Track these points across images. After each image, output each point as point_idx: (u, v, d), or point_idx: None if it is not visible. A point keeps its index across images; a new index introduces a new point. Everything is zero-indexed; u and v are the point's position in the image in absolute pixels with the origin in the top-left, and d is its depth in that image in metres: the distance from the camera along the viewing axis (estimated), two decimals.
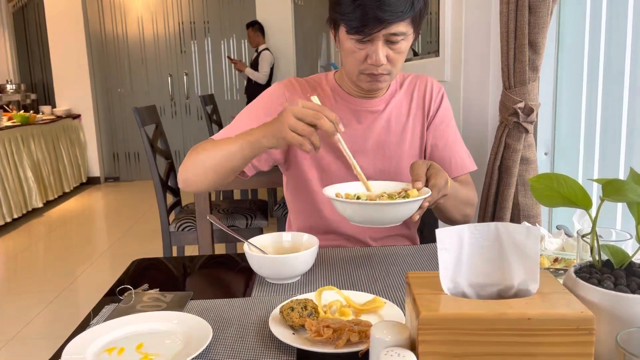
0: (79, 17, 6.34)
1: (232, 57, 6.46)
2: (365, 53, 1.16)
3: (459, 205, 1.27)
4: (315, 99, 1.08)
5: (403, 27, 1.12)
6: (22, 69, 7.30)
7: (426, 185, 1.07)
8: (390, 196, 1.08)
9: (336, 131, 1.03)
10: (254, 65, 5.79)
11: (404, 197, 1.05)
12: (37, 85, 7.45)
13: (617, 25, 1.34)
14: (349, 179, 1.24)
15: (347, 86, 1.31)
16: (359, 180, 1.14)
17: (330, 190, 1.10)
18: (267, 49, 5.86)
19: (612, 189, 0.65)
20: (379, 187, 1.14)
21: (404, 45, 1.17)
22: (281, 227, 2.68)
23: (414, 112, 1.35)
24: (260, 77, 5.68)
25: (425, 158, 1.37)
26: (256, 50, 5.91)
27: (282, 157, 1.34)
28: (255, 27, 5.88)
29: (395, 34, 1.12)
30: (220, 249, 3.26)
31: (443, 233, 0.67)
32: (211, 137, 1.30)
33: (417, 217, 1.05)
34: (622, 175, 1.32)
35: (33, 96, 6.93)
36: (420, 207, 1.04)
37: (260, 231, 2.61)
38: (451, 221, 1.32)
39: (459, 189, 1.26)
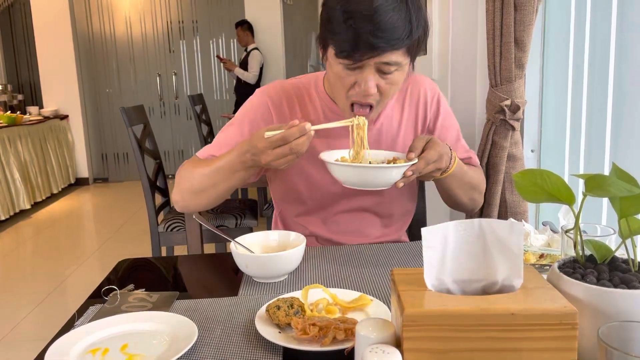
0: (66, 17, 6.28)
1: (221, 56, 6.44)
2: (354, 79, 1.07)
3: (465, 187, 1.25)
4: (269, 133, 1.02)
5: (397, 57, 1.03)
6: (9, 69, 7.23)
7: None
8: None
9: (311, 136, 1.01)
10: (243, 64, 5.76)
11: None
12: (24, 86, 7.37)
13: (601, 23, 1.35)
14: (332, 189, 1.26)
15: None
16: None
17: (329, 155, 1.12)
18: (256, 48, 5.84)
19: (594, 184, 0.65)
20: (374, 155, 1.18)
21: (397, 75, 1.07)
22: (271, 227, 2.67)
23: (405, 122, 1.30)
24: (249, 76, 5.66)
25: None
26: (245, 50, 5.90)
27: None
28: (245, 27, 5.86)
29: (387, 63, 1.03)
30: (209, 248, 3.24)
31: (428, 231, 0.68)
32: (196, 154, 1.28)
33: (400, 184, 1.06)
34: (607, 172, 1.33)
35: (20, 97, 6.85)
36: (405, 176, 1.06)
37: (250, 231, 2.60)
38: (458, 205, 1.31)
39: (467, 171, 1.24)
